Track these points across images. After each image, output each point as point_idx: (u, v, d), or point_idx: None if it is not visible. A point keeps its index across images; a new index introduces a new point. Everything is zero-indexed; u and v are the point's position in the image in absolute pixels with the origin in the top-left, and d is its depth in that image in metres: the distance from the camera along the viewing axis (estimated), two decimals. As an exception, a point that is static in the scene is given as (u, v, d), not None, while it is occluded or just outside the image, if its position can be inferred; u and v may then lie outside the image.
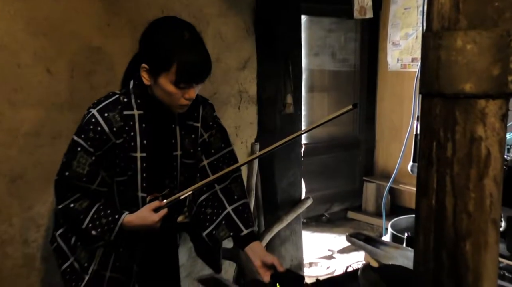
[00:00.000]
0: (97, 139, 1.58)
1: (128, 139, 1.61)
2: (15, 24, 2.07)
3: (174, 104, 1.61)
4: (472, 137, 0.84)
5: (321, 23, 4.52)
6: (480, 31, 0.81)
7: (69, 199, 1.62)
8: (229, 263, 2.91)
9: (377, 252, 1.64)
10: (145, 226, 1.62)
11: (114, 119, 1.59)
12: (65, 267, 1.70)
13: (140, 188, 1.68)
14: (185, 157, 1.76)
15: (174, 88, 1.56)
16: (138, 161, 1.64)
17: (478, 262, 0.85)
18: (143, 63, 1.58)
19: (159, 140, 1.69)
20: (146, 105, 1.64)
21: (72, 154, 1.60)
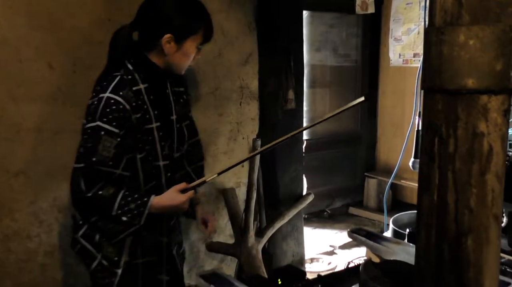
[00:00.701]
0: (121, 118, 1.60)
1: (143, 113, 1.66)
2: (17, 19, 2.07)
3: (186, 67, 1.76)
4: (474, 132, 0.84)
5: (322, 18, 4.51)
6: (482, 26, 0.80)
7: (97, 186, 1.59)
8: (231, 259, 2.92)
9: (378, 248, 1.64)
10: (173, 206, 1.65)
11: (128, 96, 1.62)
12: (94, 267, 1.71)
13: (161, 157, 1.73)
14: (179, 120, 1.83)
15: (195, 50, 1.71)
16: (155, 131, 1.69)
17: (480, 257, 0.85)
18: (165, 34, 1.64)
19: (164, 109, 1.76)
20: (149, 78, 1.70)
21: (96, 139, 1.58)
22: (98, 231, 1.70)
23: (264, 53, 2.93)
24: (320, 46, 4.56)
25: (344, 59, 4.75)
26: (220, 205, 2.88)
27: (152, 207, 1.62)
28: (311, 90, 4.52)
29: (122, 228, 1.64)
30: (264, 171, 2.98)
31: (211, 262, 2.89)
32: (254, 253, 2.69)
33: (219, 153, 2.83)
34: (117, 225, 1.63)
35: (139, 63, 1.69)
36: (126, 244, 1.71)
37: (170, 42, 1.66)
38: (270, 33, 2.91)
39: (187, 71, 2.00)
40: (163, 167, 1.74)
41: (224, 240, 2.89)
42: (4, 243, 2.16)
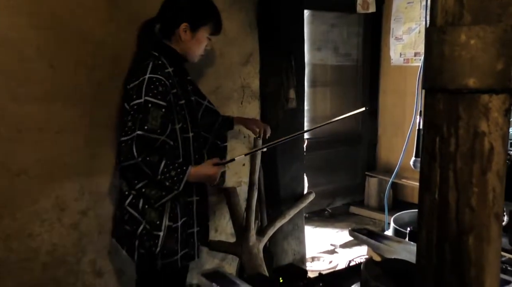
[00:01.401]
0: (164, 92, 1.91)
1: (175, 91, 1.98)
2: (18, 18, 2.07)
3: (198, 55, 2.10)
4: (475, 132, 0.84)
5: (323, 18, 4.51)
6: (484, 26, 0.81)
7: (145, 152, 1.87)
8: (232, 257, 2.92)
9: (379, 246, 1.65)
10: (207, 176, 2.00)
11: (164, 76, 1.94)
12: (139, 231, 1.99)
13: (190, 129, 2.07)
14: (196, 103, 2.24)
15: (206, 39, 2.06)
16: (184, 107, 2.03)
17: (481, 256, 0.85)
18: (182, 23, 2.00)
19: (185, 89, 2.11)
20: (174, 62, 2.04)
21: (146, 111, 1.88)
22: (143, 197, 1.98)
23: (265, 53, 2.93)
24: (321, 45, 4.56)
25: (345, 58, 4.75)
26: (221, 204, 2.88)
27: (190, 175, 1.94)
28: (312, 89, 4.52)
29: (164, 193, 1.95)
30: (265, 170, 2.98)
31: (213, 261, 2.90)
32: (255, 252, 2.69)
33: (220, 152, 2.84)
34: (160, 190, 1.94)
35: (163, 51, 2.03)
36: (166, 209, 1.99)
37: (186, 31, 2.01)
38: (271, 33, 2.91)
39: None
40: (192, 138, 2.07)
41: (225, 239, 2.89)
42: (6, 242, 2.17)
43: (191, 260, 2.17)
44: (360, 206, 4.84)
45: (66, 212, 2.29)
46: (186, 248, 2.11)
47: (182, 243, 2.08)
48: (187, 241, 2.12)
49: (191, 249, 2.14)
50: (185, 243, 2.11)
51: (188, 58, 2.09)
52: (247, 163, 2.93)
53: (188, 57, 2.09)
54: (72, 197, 2.30)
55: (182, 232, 2.08)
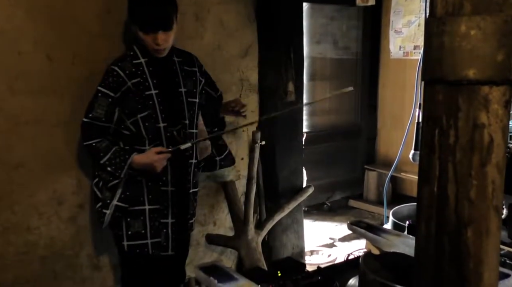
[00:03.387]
0: (116, 82, 2.02)
1: (142, 81, 2.04)
2: (15, 10, 2.05)
3: (151, 49, 2.05)
4: (475, 124, 0.83)
5: (322, 11, 4.49)
6: (484, 16, 0.80)
7: (92, 139, 2.03)
8: (230, 251, 2.92)
9: (378, 240, 1.64)
10: (147, 165, 2.02)
11: (125, 66, 2.04)
12: (96, 208, 2.14)
13: (161, 119, 2.07)
14: (189, 95, 2.18)
15: (143, 35, 2.01)
16: (154, 97, 2.06)
17: (480, 248, 0.85)
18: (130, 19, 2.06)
19: (165, 79, 2.12)
20: (147, 53, 2.08)
21: (94, 99, 2.03)
22: (99, 178, 2.11)
23: (264, 46, 2.91)
24: (320, 38, 4.54)
25: (344, 51, 4.73)
26: (220, 198, 2.88)
27: (132, 163, 2.02)
28: (311, 83, 4.51)
29: (111, 178, 2.07)
30: (264, 163, 2.98)
31: (211, 254, 2.90)
32: (254, 246, 2.69)
33: (218, 145, 2.83)
34: (107, 174, 2.06)
35: (136, 41, 2.09)
36: (117, 190, 2.08)
37: (131, 24, 2.06)
38: (270, 26, 2.89)
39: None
40: (163, 128, 2.08)
41: (224, 233, 2.89)
42: (4, 235, 2.16)
43: (163, 251, 2.17)
44: (359, 199, 4.84)
45: (64, 206, 2.29)
46: (157, 237, 2.14)
47: (152, 230, 2.12)
48: (159, 230, 2.14)
49: (164, 239, 2.16)
50: (157, 231, 2.14)
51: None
52: (246, 157, 2.93)
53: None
54: (69, 191, 2.29)
55: (152, 219, 2.12)
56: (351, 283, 1.47)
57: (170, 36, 2.06)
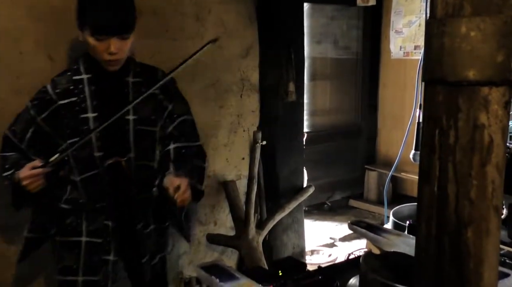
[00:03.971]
0: (41, 100, 1.77)
1: (78, 102, 1.75)
2: (16, 10, 2.06)
3: (101, 60, 1.73)
4: (475, 124, 0.84)
5: (323, 11, 4.50)
6: (484, 17, 0.80)
7: (7, 152, 1.79)
8: (231, 251, 2.93)
9: (379, 239, 1.65)
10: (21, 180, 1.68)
11: (59, 82, 1.77)
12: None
13: (96, 147, 1.76)
14: (142, 123, 1.81)
15: (95, 41, 1.68)
16: (91, 121, 1.75)
17: (480, 248, 0.85)
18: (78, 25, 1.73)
19: (110, 102, 1.77)
20: (93, 68, 1.77)
21: (20, 114, 1.82)
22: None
23: (265, 46, 2.92)
24: (320, 38, 4.54)
25: (344, 51, 4.74)
26: (221, 198, 2.88)
27: (15, 177, 1.71)
28: (311, 82, 4.52)
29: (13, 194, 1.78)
30: (264, 163, 2.98)
31: (212, 254, 2.90)
32: (255, 245, 2.70)
33: (219, 145, 2.84)
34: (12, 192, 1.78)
35: (85, 55, 1.80)
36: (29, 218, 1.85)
37: (79, 31, 1.73)
38: (271, 25, 2.90)
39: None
40: (98, 158, 1.77)
41: (224, 232, 2.90)
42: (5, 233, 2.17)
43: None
44: (360, 199, 4.85)
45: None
46: (93, 274, 1.83)
47: (85, 265, 1.82)
48: (96, 267, 1.83)
49: (102, 278, 1.84)
50: (92, 268, 1.83)
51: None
52: (247, 157, 2.93)
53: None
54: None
55: (87, 253, 1.82)
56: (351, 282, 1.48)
57: (126, 45, 1.73)
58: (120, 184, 1.80)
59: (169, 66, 2.58)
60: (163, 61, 2.52)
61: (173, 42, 2.54)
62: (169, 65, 2.57)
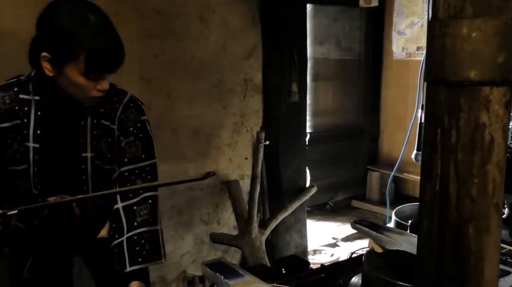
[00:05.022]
0: None
1: (21, 126, 1.44)
2: (24, 11, 2.08)
3: (83, 97, 1.43)
4: (476, 124, 0.85)
5: (326, 12, 4.51)
6: (485, 19, 0.82)
7: None
8: (234, 250, 2.95)
9: (381, 238, 1.66)
10: None
11: (2, 100, 1.43)
12: None
13: (32, 183, 1.48)
14: (100, 160, 1.53)
15: (85, 80, 1.37)
16: (31, 151, 1.45)
17: (481, 245, 0.87)
18: (43, 51, 1.36)
19: (60, 134, 1.49)
20: (45, 91, 1.45)
21: None
22: None
23: (268, 46, 2.94)
24: (323, 39, 4.56)
25: (347, 52, 4.75)
26: (224, 197, 2.90)
27: None
28: (314, 83, 4.53)
29: None
30: (267, 163, 3.00)
31: (215, 253, 2.92)
32: (258, 244, 2.71)
33: (222, 145, 2.85)
34: None
35: (37, 73, 1.45)
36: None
37: (48, 63, 1.38)
38: (274, 27, 2.92)
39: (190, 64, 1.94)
40: (34, 196, 1.48)
41: (227, 232, 2.91)
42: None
43: None
44: (362, 200, 4.86)
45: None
46: None
47: None
48: None
49: None
50: None
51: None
52: (250, 156, 2.95)
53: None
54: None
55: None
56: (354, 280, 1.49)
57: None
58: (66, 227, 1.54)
59: (172, 67, 2.60)
60: (167, 61, 2.55)
61: (177, 43, 2.57)
62: (174, 66, 2.61)
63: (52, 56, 1.36)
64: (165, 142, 2.55)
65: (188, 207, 2.77)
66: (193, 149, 2.73)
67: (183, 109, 2.66)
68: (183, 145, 2.68)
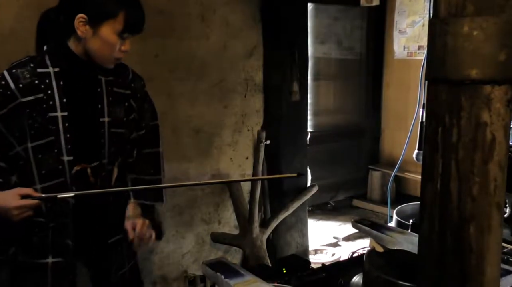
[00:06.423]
0: (1, 95, 1.48)
1: (45, 99, 1.51)
2: (24, 11, 2.08)
3: (109, 58, 1.55)
4: (477, 122, 0.85)
5: (327, 11, 4.51)
6: (486, 17, 0.81)
7: None
8: (235, 249, 2.95)
9: (382, 238, 1.66)
10: (4, 209, 1.43)
11: (22, 75, 1.50)
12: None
13: (65, 150, 1.54)
14: (115, 125, 1.64)
15: (117, 39, 1.51)
16: (60, 120, 1.53)
17: (482, 244, 0.86)
18: (78, 14, 1.48)
19: (81, 101, 1.59)
20: (63, 62, 1.55)
21: None
22: None
23: (269, 46, 2.94)
24: (324, 38, 4.55)
25: (348, 51, 4.75)
26: (225, 197, 2.90)
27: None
28: (315, 83, 4.53)
29: None
30: (268, 163, 3.00)
31: (216, 252, 2.92)
32: (259, 244, 2.71)
33: (223, 144, 2.85)
34: None
35: (53, 46, 1.57)
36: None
37: (84, 25, 1.49)
38: (275, 26, 2.92)
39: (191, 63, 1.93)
40: (67, 162, 1.55)
41: (228, 231, 2.91)
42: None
43: None
44: (363, 199, 4.86)
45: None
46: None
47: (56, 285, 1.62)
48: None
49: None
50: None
51: (93, 61, 1.56)
52: (251, 156, 2.95)
53: (93, 60, 1.56)
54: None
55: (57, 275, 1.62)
56: (355, 280, 1.49)
57: None
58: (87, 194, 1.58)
59: (173, 66, 2.61)
60: (168, 60, 2.55)
61: (178, 42, 2.57)
62: (175, 65, 2.61)
63: (90, 17, 1.49)
64: (166, 141, 2.53)
65: (189, 207, 2.77)
66: (194, 148, 2.73)
67: (184, 108, 2.66)
68: (183, 144, 2.68)
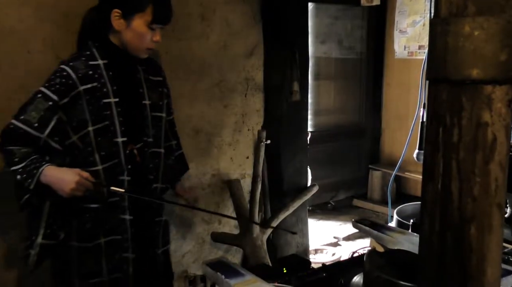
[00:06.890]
0: (64, 85, 1.68)
1: (99, 87, 1.72)
2: (24, 10, 2.08)
3: (142, 48, 1.77)
4: (478, 122, 0.85)
5: (327, 10, 4.51)
6: (487, 17, 0.81)
7: (12, 145, 1.67)
8: (236, 249, 2.94)
9: (382, 237, 1.66)
10: (62, 180, 1.62)
11: (79, 67, 1.72)
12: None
13: (120, 133, 1.75)
14: (153, 108, 1.87)
15: (147, 30, 1.72)
16: (113, 106, 1.74)
17: (482, 244, 0.86)
18: (113, 9, 1.71)
19: (127, 88, 1.80)
20: (109, 54, 1.77)
21: (30, 100, 1.70)
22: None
23: (269, 45, 2.93)
24: (325, 38, 4.55)
25: (349, 51, 4.75)
26: (225, 196, 2.90)
27: (44, 172, 1.62)
28: (315, 82, 4.53)
29: (20, 192, 1.68)
30: (268, 162, 3.00)
31: (216, 252, 2.92)
32: (259, 244, 2.71)
33: (224, 144, 2.85)
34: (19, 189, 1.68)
35: (96, 40, 1.79)
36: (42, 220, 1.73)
37: (119, 18, 1.72)
38: (275, 25, 2.91)
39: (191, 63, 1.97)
40: (121, 143, 1.76)
41: (229, 231, 2.91)
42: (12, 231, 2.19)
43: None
44: (363, 199, 4.86)
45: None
46: (117, 271, 1.81)
47: (109, 263, 1.79)
48: (119, 265, 1.81)
49: (124, 275, 1.82)
50: (117, 266, 1.81)
51: (129, 51, 1.79)
52: (251, 156, 2.95)
53: (129, 50, 1.78)
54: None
55: (110, 252, 1.79)
56: (355, 280, 1.49)
57: None
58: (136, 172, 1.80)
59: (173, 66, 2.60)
60: (169, 61, 2.54)
61: (179, 42, 2.56)
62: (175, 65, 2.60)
63: (123, 11, 1.71)
64: (166, 141, 2.55)
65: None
66: (194, 148, 2.73)
67: (184, 108, 2.65)
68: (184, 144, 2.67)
